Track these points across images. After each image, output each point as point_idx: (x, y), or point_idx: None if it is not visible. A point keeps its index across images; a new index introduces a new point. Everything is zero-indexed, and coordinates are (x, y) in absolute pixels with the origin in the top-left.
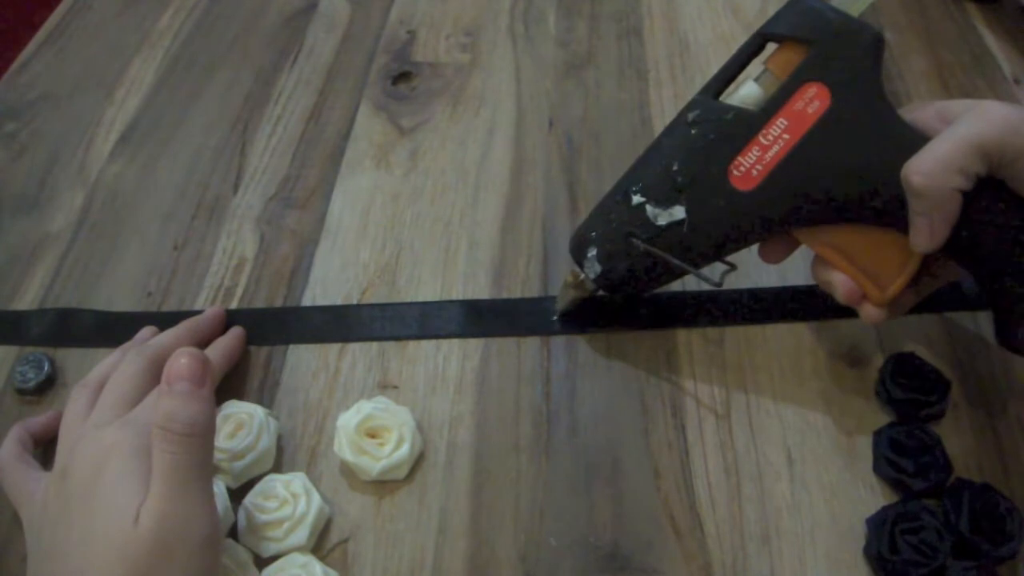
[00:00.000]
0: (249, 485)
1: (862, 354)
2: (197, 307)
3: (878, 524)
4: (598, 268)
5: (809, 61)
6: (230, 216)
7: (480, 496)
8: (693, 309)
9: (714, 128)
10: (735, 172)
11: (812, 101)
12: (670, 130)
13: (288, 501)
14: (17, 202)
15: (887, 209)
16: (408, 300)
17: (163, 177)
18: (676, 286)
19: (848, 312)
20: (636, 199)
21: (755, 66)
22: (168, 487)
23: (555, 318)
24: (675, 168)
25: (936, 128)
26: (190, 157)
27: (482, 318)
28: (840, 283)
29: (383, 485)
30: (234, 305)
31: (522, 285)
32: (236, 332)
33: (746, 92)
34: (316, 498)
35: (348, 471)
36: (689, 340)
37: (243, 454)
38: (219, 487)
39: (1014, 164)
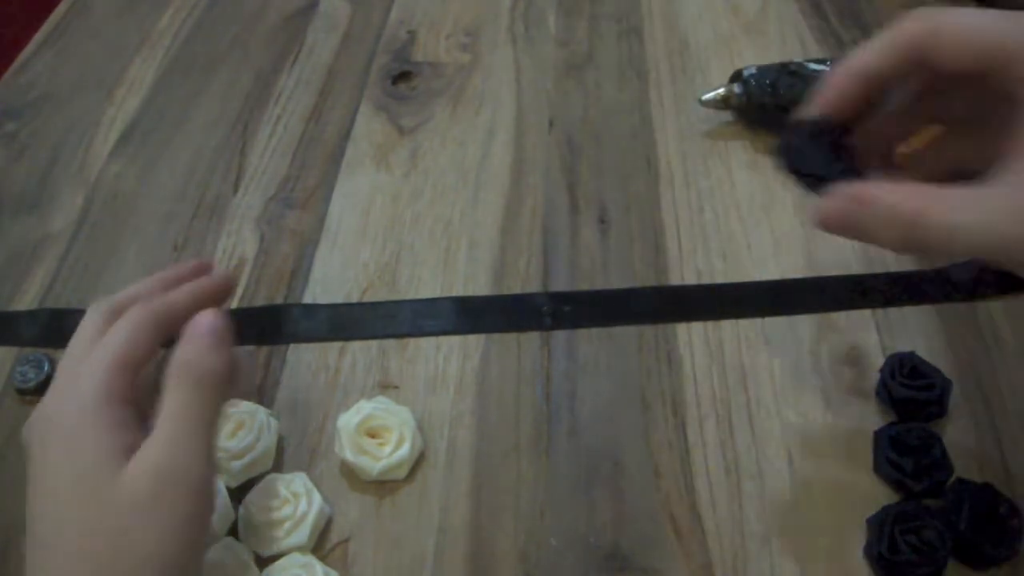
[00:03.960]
0: (249, 485)
1: (862, 354)
2: None
3: (878, 524)
4: (752, 81)
5: None
6: (230, 216)
7: (480, 496)
8: (693, 302)
9: None
10: None
11: None
12: None
13: (289, 501)
14: (17, 202)
15: None
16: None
17: (163, 177)
18: (677, 280)
19: (838, 306)
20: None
21: None
22: (173, 431)
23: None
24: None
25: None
26: (190, 157)
27: (475, 314)
28: None
29: (383, 485)
30: (234, 305)
31: (522, 285)
32: (219, 273)
33: None
34: (317, 498)
35: (348, 471)
36: (689, 339)
37: (243, 454)
38: (219, 486)
39: None
